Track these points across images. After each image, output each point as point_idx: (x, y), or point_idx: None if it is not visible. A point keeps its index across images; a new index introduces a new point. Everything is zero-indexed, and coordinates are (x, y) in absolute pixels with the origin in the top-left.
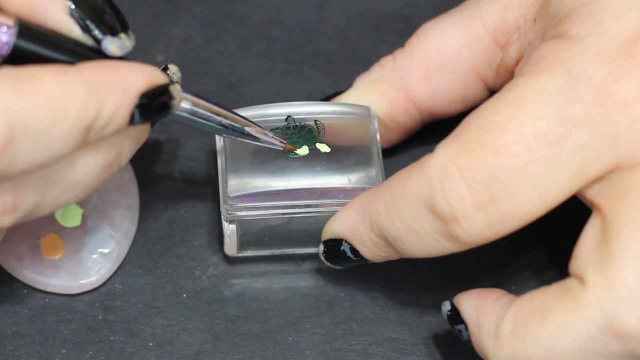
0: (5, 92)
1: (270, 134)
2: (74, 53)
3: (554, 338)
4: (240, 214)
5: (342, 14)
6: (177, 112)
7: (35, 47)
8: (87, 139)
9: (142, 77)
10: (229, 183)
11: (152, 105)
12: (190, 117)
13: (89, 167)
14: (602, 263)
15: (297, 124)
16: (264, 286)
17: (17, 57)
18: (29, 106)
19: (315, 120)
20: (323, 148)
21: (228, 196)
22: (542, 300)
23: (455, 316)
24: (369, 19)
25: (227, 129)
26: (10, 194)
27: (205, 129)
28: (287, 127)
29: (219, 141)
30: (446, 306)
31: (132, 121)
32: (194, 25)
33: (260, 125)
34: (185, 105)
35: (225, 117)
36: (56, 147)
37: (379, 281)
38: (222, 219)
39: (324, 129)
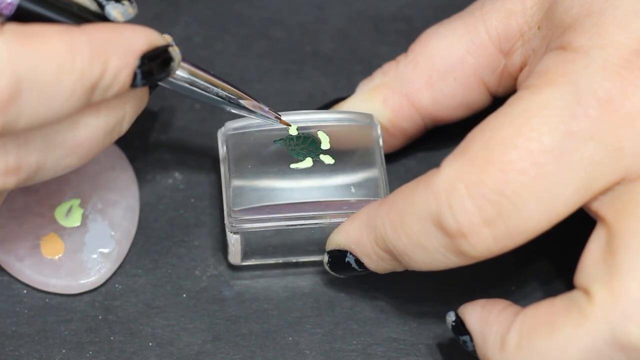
0: (13, 46)
1: (266, 108)
2: (77, 17)
3: (560, 351)
4: (244, 226)
5: (342, 14)
6: (176, 81)
7: (39, 8)
8: (91, 100)
9: (143, 38)
10: (232, 196)
11: (153, 66)
12: (188, 86)
13: (91, 130)
14: (608, 276)
15: (301, 134)
16: (264, 286)
17: (20, 18)
18: (35, 60)
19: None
20: (327, 160)
21: (232, 209)
22: (547, 312)
23: (460, 327)
24: (369, 19)
25: (224, 100)
26: (14, 154)
27: (202, 99)
28: (291, 138)
29: (222, 149)
30: (451, 317)
31: (134, 82)
32: (194, 25)
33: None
34: (183, 74)
35: (222, 89)
36: (60, 103)
37: (379, 281)
38: (226, 229)
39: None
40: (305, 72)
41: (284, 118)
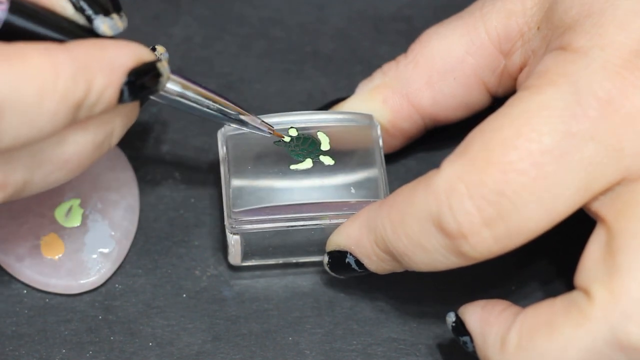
0: None
1: (259, 121)
2: (66, 31)
3: (560, 351)
4: (244, 227)
5: (342, 14)
6: (166, 94)
7: (27, 23)
8: (77, 117)
9: (130, 55)
10: (232, 197)
11: (140, 82)
12: (179, 99)
13: (79, 146)
14: (608, 276)
15: (301, 135)
16: (264, 286)
17: (7, 33)
18: (17, 81)
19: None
20: (327, 161)
21: (232, 211)
22: (548, 313)
23: (460, 328)
24: (369, 19)
25: (216, 113)
26: (0, 171)
27: (194, 112)
28: (291, 139)
29: (222, 149)
30: (451, 317)
31: (121, 99)
32: (194, 25)
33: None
34: (174, 87)
35: (214, 101)
36: (43, 124)
37: (379, 281)
38: (226, 230)
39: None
40: (305, 72)
41: (284, 118)
